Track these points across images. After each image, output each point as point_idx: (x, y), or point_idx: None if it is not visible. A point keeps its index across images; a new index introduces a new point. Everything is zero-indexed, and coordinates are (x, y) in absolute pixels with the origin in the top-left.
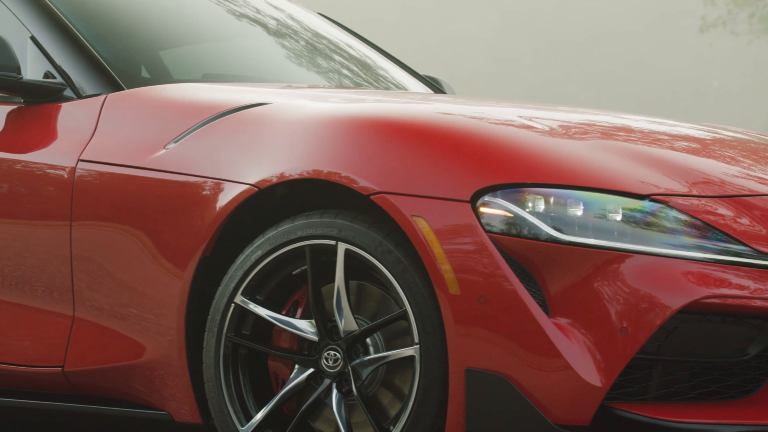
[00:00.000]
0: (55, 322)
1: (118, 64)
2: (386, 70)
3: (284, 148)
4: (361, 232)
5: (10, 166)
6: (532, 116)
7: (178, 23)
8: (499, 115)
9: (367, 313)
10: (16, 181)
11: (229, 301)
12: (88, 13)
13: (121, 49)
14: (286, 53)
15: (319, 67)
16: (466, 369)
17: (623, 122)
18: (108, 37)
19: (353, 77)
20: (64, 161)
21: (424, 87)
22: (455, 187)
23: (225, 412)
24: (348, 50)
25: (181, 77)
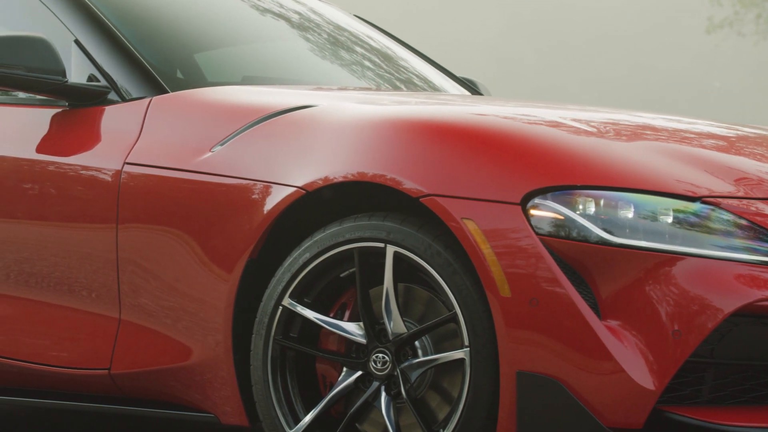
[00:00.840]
0: (101, 325)
1: (161, 67)
2: (424, 72)
3: (331, 150)
4: (410, 234)
5: (55, 169)
6: (576, 118)
7: (215, 26)
8: (545, 117)
9: (414, 315)
10: (62, 184)
11: (277, 303)
12: (130, 16)
13: (161, 52)
14: (323, 55)
15: (358, 69)
16: (518, 372)
17: (660, 123)
18: (150, 40)
19: (392, 79)
20: (110, 164)
21: (461, 88)
22: (505, 189)
23: (273, 415)
24: (385, 52)
25: (219, 80)
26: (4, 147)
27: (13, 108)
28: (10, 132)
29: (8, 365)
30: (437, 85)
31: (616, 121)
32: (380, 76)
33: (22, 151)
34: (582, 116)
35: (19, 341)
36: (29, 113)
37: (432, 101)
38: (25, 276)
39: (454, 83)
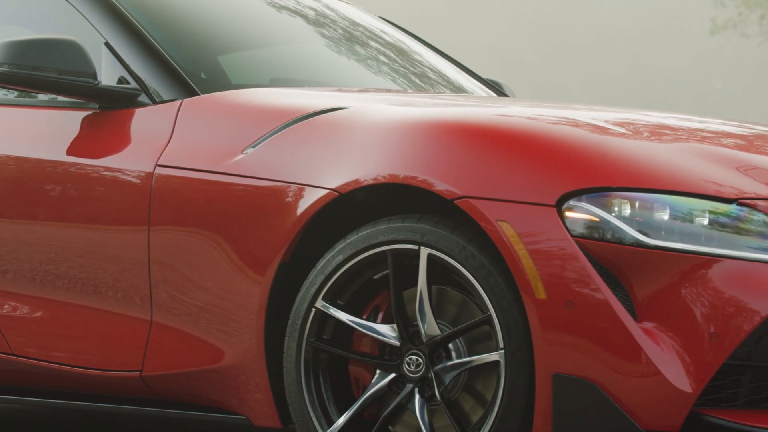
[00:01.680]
0: (132, 327)
1: (190, 69)
2: (450, 74)
3: (363, 152)
4: (444, 236)
5: (86, 171)
6: (607, 119)
7: (241, 28)
8: (576, 119)
9: (447, 317)
10: (93, 186)
11: (310, 305)
12: (158, 19)
13: (190, 54)
14: (350, 57)
15: (385, 72)
16: (553, 374)
17: (685, 123)
18: (179, 43)
19: (419, 81)
20: (142, 166)
21: (487, 90)
22: (540, 191)
23: (306, 417)
24: (411, 54)
25: (246, 82)
26: (34, 149)
27: (44, 110)
28: (40, 134)
29: (39, 367)
30: (464, 86)
31: (645, 123)
32: (407, 78)
33: (52, 153)
34: (612, 117)
35: (50, 343)
36: (59, 115)
37: (462, 103)
38: (55, 278)
39: (480, 85)
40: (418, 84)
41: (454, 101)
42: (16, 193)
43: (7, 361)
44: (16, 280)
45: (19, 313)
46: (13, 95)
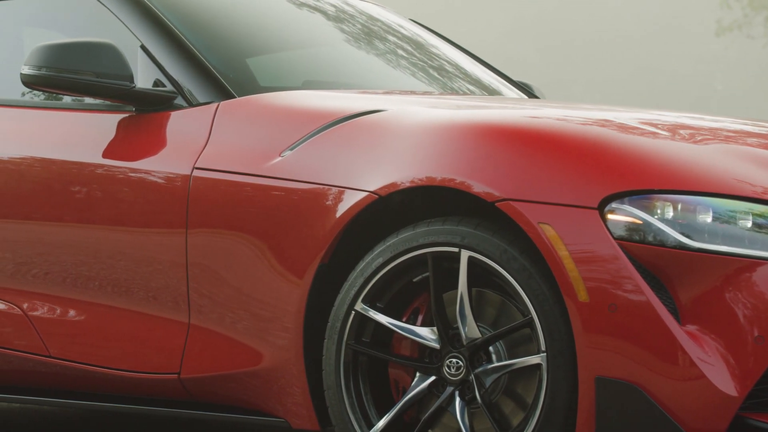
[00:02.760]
0: (170, 329)
1: (226, 71)
2: (482, 76)
3: (401, 154)
4: (484, 239)
5: (123, 174)
6: (645, 120)
7: (272, 30)
8: (615, 120)
9: (486, 320)
10: (130, 189)
11: (350, 308)
12: (193, 22)
13: (224, 57)
14: (382, 59)
15: (418, 74)
16: (596, 377)
17: (719, 124)
18: (214, 45)
19: (452, 83)
20: (179, 169)
21: (518, 92)
22: (582, 193)
23: (346, 420)
24: (443, 56)
25: (278, 84)
26: (69, 151)
27: (79, 113)
28: (75, 137)
29: (76, 369)
30: (496, 89)
31: (680, 124)
32: (439, 81)
33: (87, 155)
34: (650, 119)
35: (87, 345)
36: (95, 118)
37: (499, 105)
38: (89, 280)
39: (511, 87)
40: (451, 87)
41: (490, 103)
42: (47, 195)
43: (45, 363)
44: (51, 281)
45: (56, 315)
46: (43, 97)
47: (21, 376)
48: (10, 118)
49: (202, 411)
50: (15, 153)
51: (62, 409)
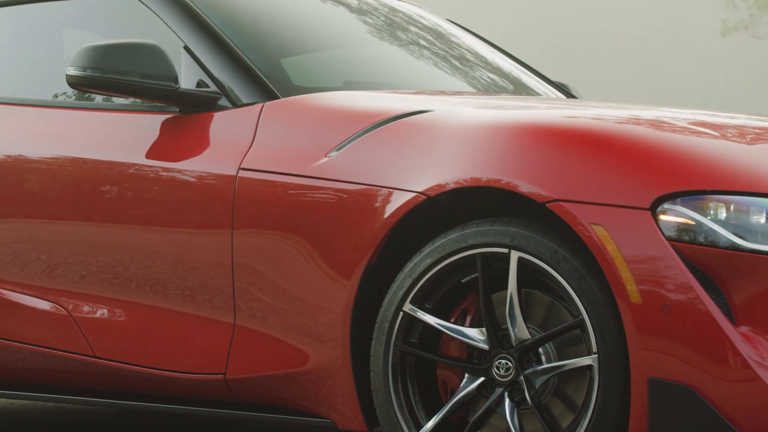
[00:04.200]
0: (215, 330)
1: (269, 72)
2: (521, 76)
3: (448, 155)
4: (535, 240)
5: (167, 175)
6: (693, 120)
7: (312, 30)
8: (665, 120)
9: (535, 320)
10: (175, 190)
11: (398, 309)
12: (235, 22)
13: (266, 57)
14: (421, 59)
15: (457, 73)
16: (649, 379)
17: (761, 123)
18: (256, 46)
19: (492, 83)
20: (225, 170)
21: (557, 92)
22: (634, 194)
23: (395, 421)
24: (481, 55)
25: (318, 84)
26: (114, 152)
27: (123, 114)
28: (119, 137)
29: (121, 369)
30: (538, 88)
31: (725, 124)
32: (479, 80)
33: (131, 156)
34: (697, 119)
35: (132, 345)
36: (139, 119)
37: (543, 105)
38: (134, 280)
39: (550, 86)
40: (491, 86)
41: (535, 104)
42: (91, 195)
43: (89, 363)
44: (97, 282)
45: (100, 315)
46: (75, 98)
47: (62, 376)
48: (58, 118)
49: (247, 411)
50: (53, 153)
51: (96, 408)
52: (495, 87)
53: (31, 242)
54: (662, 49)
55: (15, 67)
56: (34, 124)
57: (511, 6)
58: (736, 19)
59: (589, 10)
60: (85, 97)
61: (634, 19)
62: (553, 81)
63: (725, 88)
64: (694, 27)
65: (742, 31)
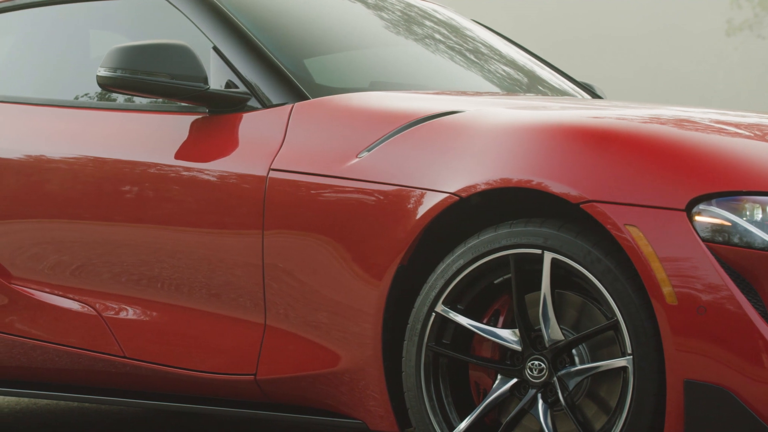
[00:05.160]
0: (246, 330)
1: (298, 72)
2: (548, 76)
3: (480, 155)
4: (568, 241)
5: (197, 176)
6: (724, 121)
7: (338, 30)
8: (697, 121)
9: (567, 321)
10: (205, 190)
11: (430, 310)
12: (264, 23)
13: (294, 58)
14: (447, 59)
15: (487, 75)
16: (685, 381)
17: None
18: (286, 46)
19: (519, 83)
20: (255, 170)
21: (582, 92)
22: (669, 195)
23: (427, 422)
24: (508, 56)
25: (346, 85)
26: (142, 152)
27: (151, 114)
28: (148, 138)
29: (151, 369)
30: (566, 89)
31: (758, 123)
32: (506, 81)
33: (159, 156)
34: (728, 119)
35: (162, 346)
36: (167, 119)
37: (573, 106)
38: (162, 280)
39: (576, 87)
40: (519, 87)
41: (565, 104)
42: (116, 195)
43: (117, 363)
44: (130, 282)
45: (130, 315)
46: (96, 99)
47: (89, 376)
48: (85, 119)
49: (278, 412)
50: (80, 153)
51: (120, 408)
52: (523, 88)
53: (58, 242)
54: (662, 49)
55: (44, 68)
56: (65, 125)
57: (510, 4)
58: (741, 19)
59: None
60: (111, 97)
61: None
62: (578, 81)
63: (724, 88)
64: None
65: (747, 31)
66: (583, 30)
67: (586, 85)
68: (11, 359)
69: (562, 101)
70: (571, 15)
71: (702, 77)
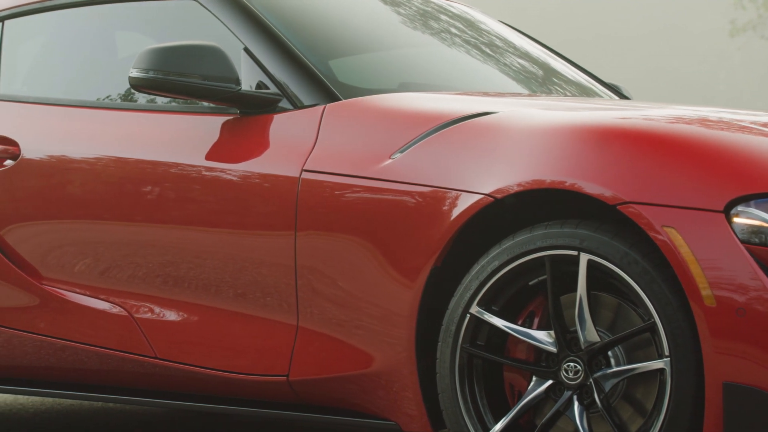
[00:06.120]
0: (278, 331)
1: (328, 73)
2: (577, 77)
3: (514, 156)
4: (604, 242)
5: (228, 177)
6: (757, 121)
7: (367, 32)
8: (733, 122)
9: (602, 323)
10: (237, 191)
11: (465, 311)
12: (294, 24)
13: (326, 59)
14: (477, 61)
15: (515, 75)
16: (724, 383)
17: None
18: (317, 47)
19: (549, 84)
20: (287, 171)
21: (611, 93)
22: (708, 196)
23: (462, 424)
24: (535, 56)
25: (375, 86)
26: (172, 153)
27: (181, 115)
28: (177, 138)
29: (183, 370)
30: (591, 90)
31: None
32: (535, 82)
33: (190, 157)
34: (758, 119)
35: (193, 346)
36: (198, 120)
37: (606, 107)
38: (194, 281)
39: (603, 88)
40: (548, 89)
41: (595, 105)
42: (148, 197)
43: (147, 363)
44: (160, 283)
45: (161, 316)
46: (118, 100)
47: (119, 376)
48: (115, 120)
49: (311, 413)
50: (105, 154)
51: (145, 409)
52: (553, 89)
53: (87, 243)
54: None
55: (71, 69)
56: (93, 126)
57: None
58: (745, 20)
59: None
60: (138, 98)
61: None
62: (605, 82)
63: (726, 88)
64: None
65: (750, 32)
66: (586, 30)
67: (613, 86)
68: (40, 359)
69: (593, 102)
70: (574, 15)
71: (703, 77)
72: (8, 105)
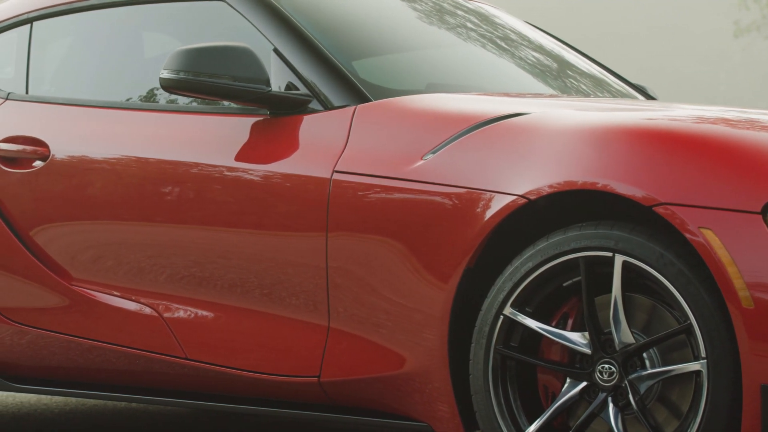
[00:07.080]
0: (309, 333)
1: (358, 74)
2: (606, 79)
3: (546, 158)
4: (640, 244)
5: (259, 177)
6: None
7: (394, 33)
8: (763, 122)
9: (636, 324)
10: (267, 192)
11: (498, 312)
12: (323, 25)
13: (354, 60)
14: (505, 61)
15: (540, 75)
16: (762, 386)
17: None
18: (346, 48)
19: (580, 86)
20: (318, 172)
21: (637, 94)
22: (744, 197)
23: (495, 425)
24: (562, 57)
25: (402, 87)
26: (200, 154)
27: (211, 116)
28: (207, 140)
29: (212, 371)
30: (623, 90)
31: None
32: (564, 83)
33: (219, 158)
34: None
35: (224, 347)
36: (228, 121)
37: (638, 107)
38: (224, 282)
39: (630, 88)
40: (577, 90)
41: (625, 105)
42: (176, 197)
43: (178, 365)
44: (190, 284)
45: (191, 317)
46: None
47: (147, 377)
48: (143, 121)
49: (343, 415)
50: (135, 155)
51: (169, 409)
52: (582, 90)
53: (115, 243)
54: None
55: (98, 70)
56: (121, 127)
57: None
58: (748, 20)
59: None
60: (165, 99)
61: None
62: (632, 83)
63: (727, 89)
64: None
65: (754, 33)
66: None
67: (640, 86)
68: (68, 360)
69: (622, 103)
70: (578, 14)
71: (705, 78)
72: (38, 106)
